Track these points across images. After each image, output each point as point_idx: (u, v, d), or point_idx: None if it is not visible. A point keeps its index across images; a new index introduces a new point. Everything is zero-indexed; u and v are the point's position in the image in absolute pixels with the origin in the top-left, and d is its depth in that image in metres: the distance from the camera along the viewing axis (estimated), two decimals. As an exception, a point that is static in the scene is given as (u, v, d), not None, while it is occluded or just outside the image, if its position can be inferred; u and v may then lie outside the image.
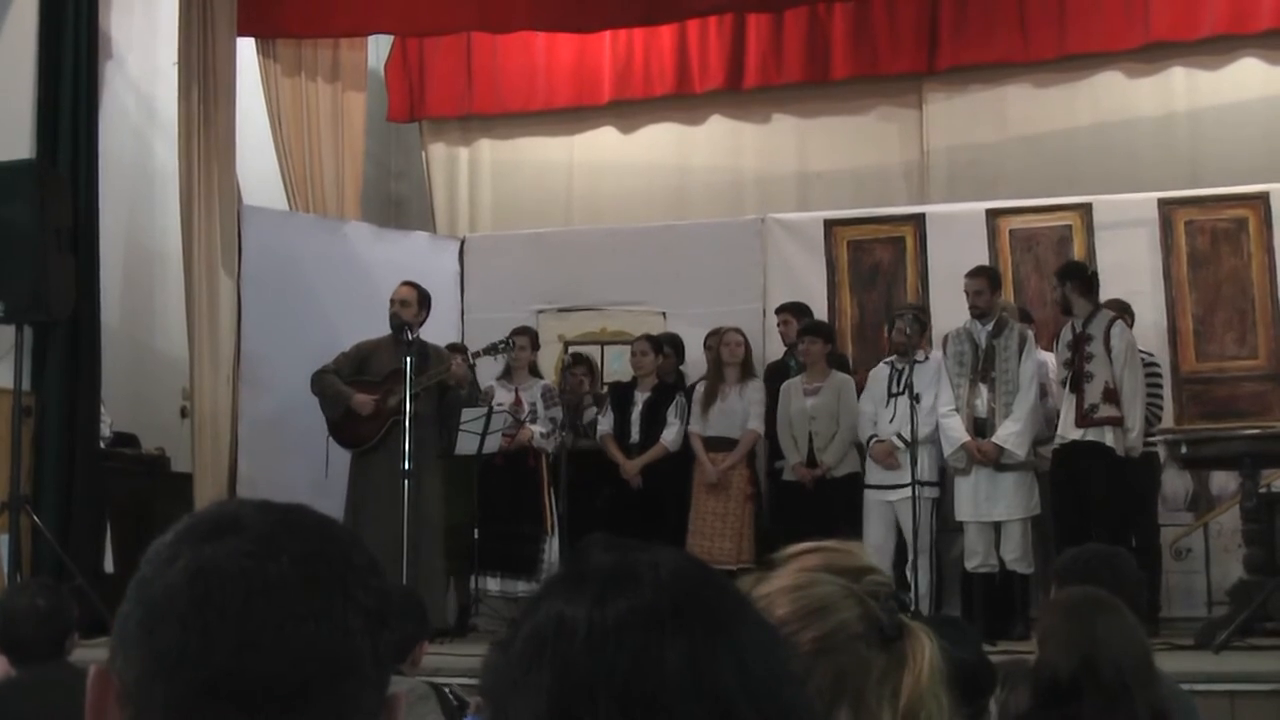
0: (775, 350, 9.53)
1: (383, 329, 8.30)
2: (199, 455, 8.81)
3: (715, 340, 9.00)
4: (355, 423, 8.23)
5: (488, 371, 9.02)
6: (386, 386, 8.11)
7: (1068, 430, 7.94)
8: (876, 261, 10.02)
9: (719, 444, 8.68)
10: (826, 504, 8.29)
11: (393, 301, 8.27)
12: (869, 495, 8.40)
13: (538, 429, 8.75)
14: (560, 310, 10.34)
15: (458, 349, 8.89)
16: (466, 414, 8.25)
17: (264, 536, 1.06)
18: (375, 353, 8.34)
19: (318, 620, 1.04)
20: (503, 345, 8.56)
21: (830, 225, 10.12)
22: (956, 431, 8.12)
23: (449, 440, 8.28)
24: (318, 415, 8.35)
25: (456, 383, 8.28)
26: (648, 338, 9.19)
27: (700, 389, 8.85)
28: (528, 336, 9.09)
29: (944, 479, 8.43)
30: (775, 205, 10.64)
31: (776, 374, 9.11)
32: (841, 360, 9.15)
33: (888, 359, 8.61)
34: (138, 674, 1.03)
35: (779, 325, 9.32)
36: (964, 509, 8.21)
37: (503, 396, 8.83)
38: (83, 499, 8.17)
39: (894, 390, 8.34)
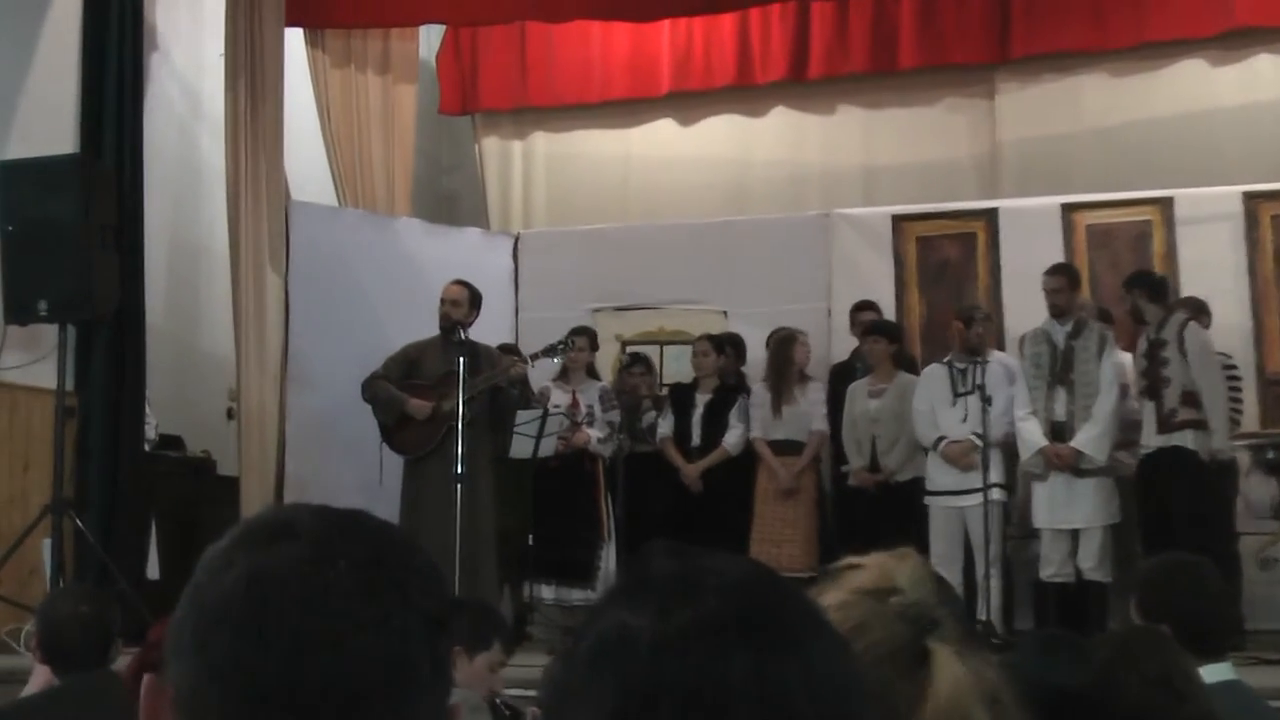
0: (840, 351, 9.38)
1: (434, 327, 8.16)
2: (246, 457, 8.76)
3: (785, 342, 8.75)
4: (410, 428, 8.08)
5: (544, 372, 8.87)
6: (440, 390, 7.95)
7: (1149, 439, 7.78)
8: (946, 258, 9.84)
9: (786, 447, 8.51)
10: (891, 510, 8.17)
11: (443, 301, 8.12)
12: (933, 503, 8.13)
13: (595, 433, 8.62)
14: (617, 309, 10.22)
15: (510, 350, 8.76)
16: (522, 416, 8.13)
17: (321, 542, 1.06)
18: (424, 354, 8.20)
19: (376, 627, 1.03)
20: (561, 346, 8.39)
21: (898, 221, 9.96)
22: (1034, 436, 7.90)
23: (502, 443, 8.14)
24: (367, 416, 8.23)
25: (509, 383, 8.11)
26: (709, 337, 9.04)
27: (761, 393, 8.65)
28: (586, 337, 8.94)
29: (1009, 481, 8.24)
30: (840, 200, 10.52)
31: (842, 375, 8.97)
32: (910, 361, 8.98)
33: (945, 359, 8.39)
34: (192, 682, 1.03)
35: (855, 326, 9.09)
36: (1041, 515, 7.99)
37: (559, 398, 8.72)
38: (127, 503, 8.12)
39: (959, 390, 8.13)
